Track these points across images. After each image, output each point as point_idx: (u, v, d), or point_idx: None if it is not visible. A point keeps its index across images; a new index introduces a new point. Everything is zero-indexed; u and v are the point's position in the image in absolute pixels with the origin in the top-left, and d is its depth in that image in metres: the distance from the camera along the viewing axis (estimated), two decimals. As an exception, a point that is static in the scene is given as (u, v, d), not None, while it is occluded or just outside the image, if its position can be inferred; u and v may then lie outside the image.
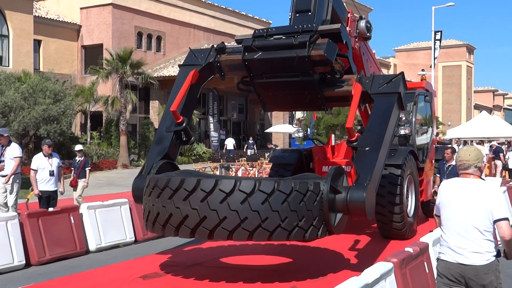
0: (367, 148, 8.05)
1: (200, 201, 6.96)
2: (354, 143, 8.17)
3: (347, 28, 10.00)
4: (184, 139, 9.15)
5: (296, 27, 8.71)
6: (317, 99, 9.36)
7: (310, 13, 9.07)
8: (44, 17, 35.56)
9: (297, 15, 9.23)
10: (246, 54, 8.75)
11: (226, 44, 9.73)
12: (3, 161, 11.33)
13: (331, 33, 8.70)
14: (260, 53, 8.65)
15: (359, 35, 10.60)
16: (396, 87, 8.81)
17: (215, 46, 9.49)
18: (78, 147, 14.60)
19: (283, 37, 8.59)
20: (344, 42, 9.13)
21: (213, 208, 6.90)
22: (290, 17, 9.44)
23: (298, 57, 8.37)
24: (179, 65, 9.88)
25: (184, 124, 8.87)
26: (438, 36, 40.17)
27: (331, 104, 9.85)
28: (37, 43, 34.74)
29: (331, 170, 7.53)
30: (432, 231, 8.23)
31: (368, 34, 10.73)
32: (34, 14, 32.52)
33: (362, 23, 10.59)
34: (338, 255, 9.86)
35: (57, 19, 36.72)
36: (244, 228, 6.86)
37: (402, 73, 9.13)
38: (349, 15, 10.34)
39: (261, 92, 9.54)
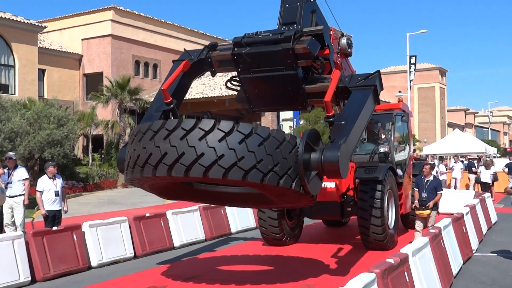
0: (342, 122, 8.02)
1: (180, 138, 6.78)
2: (331, 119, 8.06)
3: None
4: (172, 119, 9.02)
5: (283, 28, 8.83)
6: (299, 95, 9.22)
7: (295, 25, 9.13)
8: (48, 48, 35.57)
9: (284, 27, 9.31)
10: (235, 49, 8.78)
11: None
12: (11, 182, 11.25)
13: (314, 35, 8.74)
14: (248, 48, 8.68)
15: (340, 51, 10.61)
16: (373, 81, 8.94)
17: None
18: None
19: (271, 35, 8.65)
20: (326, 44, 9.17)
21: (192, 144, 6.72)
22: None
23: (283, 49, 8.36)
24: (173, 61, 9.86)
25: (172, 105, 8.71)
26: (413, 61, 40.46)
27: (313, 101, 9.58)
28: (42, 72, 34.70)
29: (307, 131, 7.42)
30: (411, 242, 8.23)
31: (349, 50, 10.72)
32: (38, 46, 32.52)
33: (344, 40, 10.58)
34: (322, 265, 9.82)
35: (60, 50, 36.74)
36: (220, 165, 6.66)
37: (378, 71, 9.25)
38: (331, 32, 10.34)
39: (247, 88, 9.41)
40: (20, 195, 11.31)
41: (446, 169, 26.50)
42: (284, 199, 7.79)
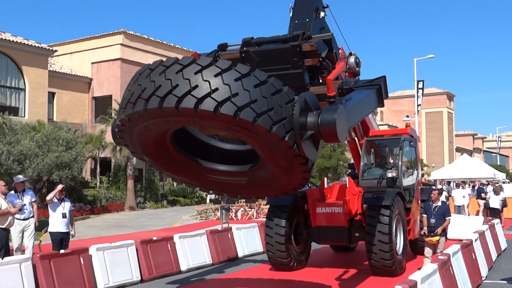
0: (343, 101, 8.05)
1: (176, 72, 6.70)
2: (332, 99, 8.01)
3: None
4: None
5: (293, 33, 8.92)
6: None
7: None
8: (58, 71, 35.98)
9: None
10: (244, 48, 8.87)
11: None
12: (25, 205, 11.26)
13: (323, 40, 8.85)
14: (257, 47, 8.77)
15: (349, 70, 10.63)
16: (378, 82, 9.11)
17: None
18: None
19: (280, 35, 8.76)
20: (333, 52, 9.21)
21: (187, 77, 6.62)
22: None
23: (290, 47, 8.43)
24: None
25: None
26: (420, 85, 40.58)
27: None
28: (51, 95, 35.05)
29: (304, 93, 7.20)
30: (420, 268, 8.16)
31: (357, 69, 10.73)
32: (48, 69, 32.93)
33: (352, 59, 10.57)
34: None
35: (70, 73, 37.14)
36: (213, 97, 6.52)
37: (384, 76, 9.39)
38: (340, 51, 10.35)
39: None
40: (31, 217, 11.34)
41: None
42: (276, 162, 7.41)
